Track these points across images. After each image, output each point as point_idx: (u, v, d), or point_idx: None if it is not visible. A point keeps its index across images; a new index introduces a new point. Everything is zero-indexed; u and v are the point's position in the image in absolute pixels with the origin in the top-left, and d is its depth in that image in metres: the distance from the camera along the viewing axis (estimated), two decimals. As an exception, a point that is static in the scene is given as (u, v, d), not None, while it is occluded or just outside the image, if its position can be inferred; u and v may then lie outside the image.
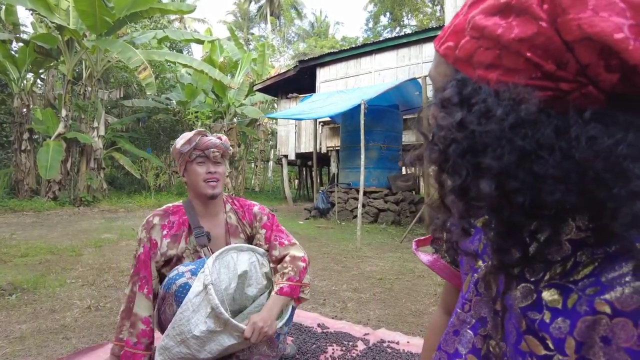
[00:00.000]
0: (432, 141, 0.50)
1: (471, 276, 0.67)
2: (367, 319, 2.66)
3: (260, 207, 1.86)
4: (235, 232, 1.79)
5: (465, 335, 0.68)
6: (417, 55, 10.84)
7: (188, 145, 1.65)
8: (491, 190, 0.43)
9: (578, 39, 0.41)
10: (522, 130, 0.43)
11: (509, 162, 0.42)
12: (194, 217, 1.70)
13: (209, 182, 1.67)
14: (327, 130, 12.17)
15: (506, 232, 0.47)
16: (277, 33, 36.83)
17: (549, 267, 0.50)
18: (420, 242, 0.87)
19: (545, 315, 0.48)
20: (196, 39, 12.52)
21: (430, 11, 29.52)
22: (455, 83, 0.49)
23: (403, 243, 6.13)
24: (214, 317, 1.40)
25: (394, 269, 4.24)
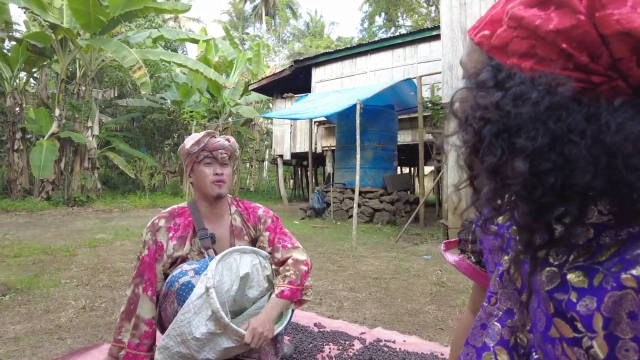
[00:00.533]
0: (466, 122, 0.52)
1: (497, 270, 0.69)
2: (364, 318, 2.66)
3: (264, 210, 1.87)
4: (239, 234, 1.80)
5: (492, 328, 0.69)
6: (412, 55, 10.87)
7: (197, 146, 1.66)
8: (525, 170, 0.45)
9: (615, 32, 0.43)
10: (556, 114, 0.45)
11: (542, 144, 0.45)
12: (198, 219, 1.70)
13: (216, 183, 1.68)
14: (323, 130, 12.17)
15: (536, 213, 0.48)
16: (272, 33, 36.79)
17: (572, 251, 0.51)
18: (449, 245, 0.90)
19: (572, 295, 0.49)
20: (191, 39, 12.49)
21: (425, 12, 29.58)
22: (490, 68, 0.51)
23: (398, 243, 6.14)
24: (214, 320, 1.40)
25: (390, 268, 4.25)
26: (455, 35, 5.66)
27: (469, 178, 0.55)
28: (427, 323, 2.61)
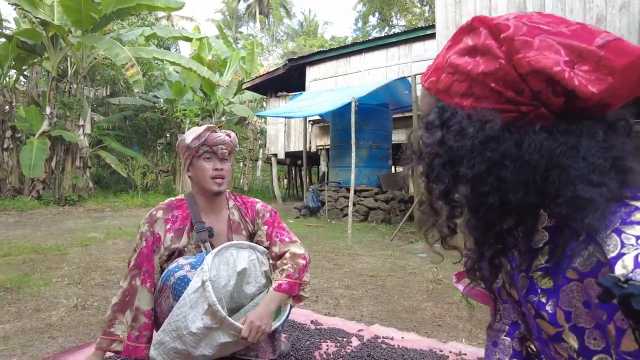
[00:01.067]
0: (420, 157, 0.63)
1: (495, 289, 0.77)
2: (361, 315, 2.64)
3: (263, 205, 1.87)
4: (237, 229, 1.78)
5: (503, 343, 0.75)
6: (407, 54, 10.88)
7: (197, 140, 1.63)
8: (467, 193, 0.55)
9: (529, 71, 0.54)
10: (490, 145, 0.55)
11: (480, 170, 0.54)
12: (196, 212, 1.68)
13: (215, 179, 1.65)
14: (317, 129, 12.13)
15: (483, 228, 0.58)
16: (266, 32, 36.68)
17: (535, 254, 0.59)
18: (460, 275, 0.96)
19: (541, 296, 0.56)
20: (184, 37, 12.40)
21: (419, 11, 29.65)
22: (436, 110, 0.62)
23: (394, 241, 6.12)
24: (210, 314, 1.36)
25: (386, 266, 4.23)
26: (450, 33, 5.63)
27: (429, 201, 0.66)
28: (424, 320, 2.59)
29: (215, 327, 1.36)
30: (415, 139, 0.67)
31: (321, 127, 11.94)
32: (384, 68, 11.05)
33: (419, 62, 10.40)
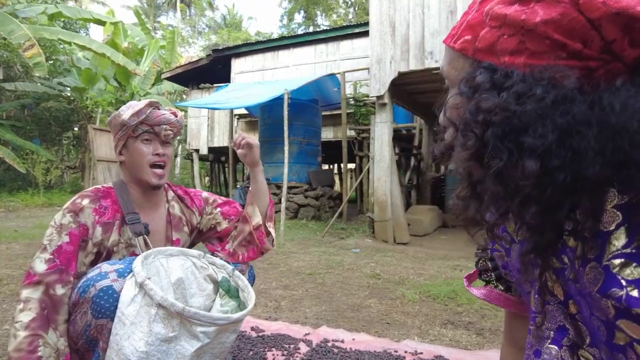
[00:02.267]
0: (466, 128, 0.50)
1: (533, 288, 0.63)
2: (305, 317, 2.44)
3: (209, 193, 1.66)
4: (178, 225, 1.50)
5: (549, 353, 0.61)
6: (335, 52, 10.89)
7: (136, 117, 1.32)
8: (537, 169, 0.44)
9: (604, 15, 0.44)
10: (562, 107, 0.44)
11: (552, 140, 0.44)
12: (127, 202, 1.37)
13: (155, 169, 1.37)
14: (244, 124, 11.72)
15: (547, 212, 0.47)
16: (188, 22, 35.01)
17: (606, 240, 0.48)
18: (471, 277, 0.87)
19: (630, 289, 0.45)
20: (96, 19, 11.29)
21: (343, 12, 30.20)
22: (484, 70, 0.50)
23: (325, 237, 6.02)
24: (162, 318, 1.06)
25: (322, 263, 4.08)
26: (384, 28, 5.66)
27: (469, 185, 0.54)
28: (371, 318, 2.46)
29: (172, 335, 1.06)
30: (454, 109, 0.54)
31: (248, 122, 11.54)
32: (313, 64, 10.97)
33: (347, 60, 10.46)
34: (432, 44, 5.41)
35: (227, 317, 1.15)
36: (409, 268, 3.91)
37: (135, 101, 1.39)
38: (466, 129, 0.51)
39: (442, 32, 5.33)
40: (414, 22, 5.51)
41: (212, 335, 1.12)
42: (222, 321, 1.13)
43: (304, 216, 8.04)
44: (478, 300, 2.78)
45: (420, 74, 5.79)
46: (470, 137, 0.50)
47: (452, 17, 5.25)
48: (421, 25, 5.47)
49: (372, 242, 5.61)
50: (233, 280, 1.50)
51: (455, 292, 2.95)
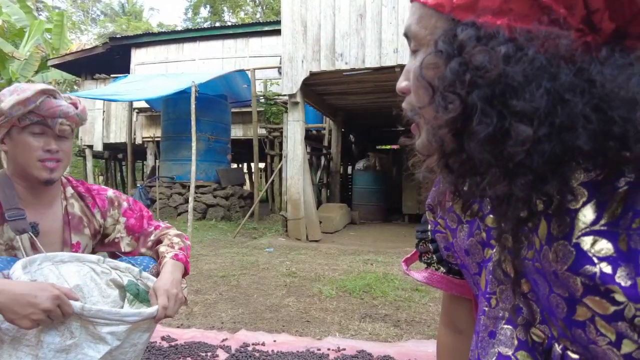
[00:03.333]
0: (448, 89, 0.46)
1: (485, 269, 0.62)
2: (221, 322, 2.30)
3: (115, 192, 1.42)
4: (78, 226, 1.28)
5: (504, 333, 0.59)
6: (243, 48, 10.67)
7: (22, 106, 1.07)
8: (531, 134, 0.42)
9: None
10: (551, 73, 0.43)
11: (542, 106, 0.42)
12: (9, 196, 1.12)
13: (46, 163, 1.14)
14: (144, 119, 10.93)
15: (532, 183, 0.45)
16: (80, 6, 31.72)
17: (573, 218, 0.48)
18: (409, 261, 0.82)
19: (603, 266, 0.45)
20: (-40, -10, 9.63)
21: (251, 10, 29.78)
22: (466, 27, 0.47)
23: (237, 238, 5.84)
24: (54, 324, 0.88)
25: (235, 264, 3.92)
26: (296, 27, 5.64)
27: (442, 156, 0.50)
28: (291, 317, 2.40)
29: (69, 342, 0.88)
30: (429, 69, 0.49)
31: (149, 117, 10.79)
32: (220, 59, 10.61)
33: (256, 57, 10.29)
34: (342, 46, 5.53)
35: (139, 312, 1.00)
36: (323, 264, 3.93)
37: (25, 84, 1.15)
38: (447, 90, 0.47)
39: (352, 34, 5.47)
40: (325, 23, 5.58)
41: (123, 336, 0.97)
42: (133, 317, 0.98)
43: (213, 216, 7.72)
44: (392, 293, 2.88)
45: (331, 75, 5.89)
46: (453, 99, 0.46)
47: (362, 21, 5.42)
48: (332, 26, 5.56)
49: (286, 241, 5.56)
50: (142, 283, 1.34)
51: (369, 286, 3.02)
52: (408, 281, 3.27)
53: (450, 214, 0.66)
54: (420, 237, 0.78)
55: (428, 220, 0.75)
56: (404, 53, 5.28)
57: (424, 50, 0.51)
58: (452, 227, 0.67)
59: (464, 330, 0.78)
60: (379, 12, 5.33)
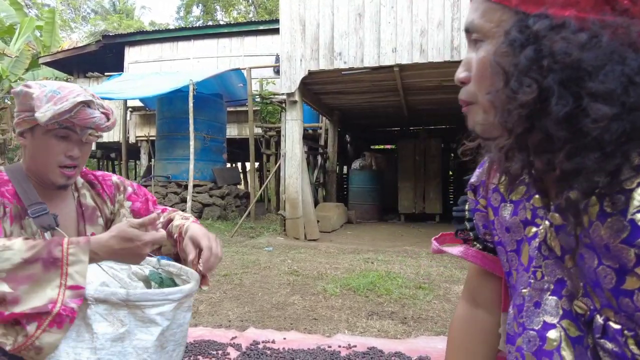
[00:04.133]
0: (524, 74, 0.50)
1: (528, 245, 0.66)
2: (228, 321, 2.30)
3: (119, 177, 1.38)
4: (92, 217, 1.25)
5: (549, 303, 0.64)
6: (238, 47, 10.65)
7: (57, 118, 1.01)
8: (608, 112, 0.46)
9: None
10: (623, 59, 0.46)
11: (613, 87, 0.45)
12: (28, 190, 1.09)
13: (65, 170, 1.10)
14: (137, 118, 10.84)
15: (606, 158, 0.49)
16: (71, 3, 31.36)
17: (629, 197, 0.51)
18: (440, 239, 0.86)
19: None
20: (-51, -14, 9.46)
21: (244, 10, 29.67)
22: (538, 18, 0.51)
23: (234, 237, 5.82)
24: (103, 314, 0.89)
25: (236, 263, 3.91)
26: (295, 26, 5.64)
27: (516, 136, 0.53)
28: (298, 315, 2.40)
29: (122, 330, 0.88)
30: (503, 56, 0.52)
31: (143, 116, 10.70)
32: (215, 58, 10.57)
33: (251, 56, 10.27)
34: (340, 45, 5.54)
35: (180, 290, 1.00)
36: (324, 263, 3.94)
37: (63, 87, 1.07)
38: (524, 75, 0.51)
39: (351, 34, 5.48)
40: (324, 22, 5.59)
41: (170, 315, 0.97)
42: (177, 294, 0.97)
43: (209, 216, 7.68)
44: (396, 291, 2.90)
45: (329, 74, 5.90)
46: (529, 82, 0.50)
47: (361, 20, 5.43)
48: (330, 25, 5.57)
49: (284, 240, 5.56)
50: (163, 271, 1.34)
51: (373, 284, 3.03)
52: (411, 279, 3.29)
53: (494, 194, 0.71)
54: (457, 216, 0.84)
55: (468, 199, 0.80)
56: (402, 53, 5.31)
57: (490, 42, 0.54)
58: (495, 206, 0.71)
59: (482, 305, 0.83)
60: (378, 11, 5.35)
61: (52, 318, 0.83)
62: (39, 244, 0.87)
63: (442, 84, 6.44)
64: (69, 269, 0.87)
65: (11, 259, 0.83)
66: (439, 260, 4.30)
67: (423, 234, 6.67)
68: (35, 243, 0.87)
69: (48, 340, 0.83)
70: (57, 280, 0.86)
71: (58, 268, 0.86)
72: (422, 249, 5.00)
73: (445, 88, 6.73)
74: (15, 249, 0.85)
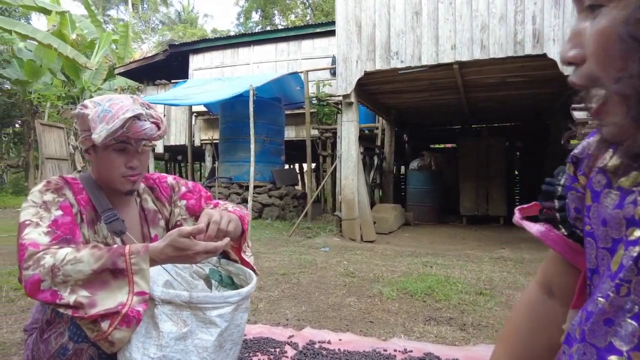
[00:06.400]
0: None
1: (624, 250, 0.52)
2: (286, 319, 2.36)
3: (174, 177, 1.48)
4: (154, 219, 1.36)
5: (625, 327, 0.52)
6: (296, 51, 10.83)
7: (112, 136, 1.12)
8: None
9: None
10: None
11: None
12: (101, 198, 1.21)
13: (128, 177, 1.22)
14: (202, 122, 11.38)
15: None
16: (142, 16, 33.63)
17: None
18: (524, 211, 0.74)
19: None
20: (40, 7, 10.52)
21: (301, 13, 30.13)
22: None
23: (292, 237, 5.94)
24: (169, 314, 0.99)
25: (293, 262, 4.00)
26: (351, 28, 5.66)
27: None
28: (354, 317, 2.42)
29: (185, 330, 0.98)
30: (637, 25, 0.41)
31: (206, 120, 11.22)
32: (274, 62, 10.85)
33: (308, 59, 10.42)
34: (397, 44, 5.47)
35: (238, 293, 1.08)
36: (381, 265, 3.91)
37: (112, 105, 1.15)
38: None
39: (407, 32, 5.39)
40: (380, 22, 5.55)
41: (229, 317, 1.05)
42: (235, 297, 1.06)
43: (268, 216, 7.91)
44: (455, 296, 2.82)
45: (385, 74, 5.85)
46: None
47: (418, 18, 5.33)
48: (387, 25, 5.52)
49: (340, 241, 5.59)
50: (222, 269, 1.41)
51: (431, 288, 2.97)
52: (471, 284, 3.18)
53: (598, 175, 0.58)
54: (547, 189, 0.72)
55: (566, 172, 0.67)
56: (462, 49, 5.15)
57: (617, 5, 0.42)
58: (596, 189, 0.59)
59: (556, 295, 0.73)
60: (435, 8, 5.22)
61: (121, 318, 0.93)
62: (103, 255, 0.98)
63: (506, 80, 6.15)
64: (134, 277, 0.97)
65: (83, 271, 0.96)
66: (502, 265, 4.12)
67: (486, 238, 6.41)
68: (100, 254, 0.98)
69: (118, 336, 0.94)
70: (126, 288, 0.97)
71: (125, 277, 0.98)
72: (485, 253, 4.81)
73: (509, 85, 6.43)
74: (85, 261, 0.96)
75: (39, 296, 0.94)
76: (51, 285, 0.94)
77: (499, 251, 5.03)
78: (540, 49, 4.79)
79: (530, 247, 5.23)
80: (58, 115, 12.52)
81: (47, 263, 0.95)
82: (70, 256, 0.96)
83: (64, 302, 0.94)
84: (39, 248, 0.99)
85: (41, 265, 0.95)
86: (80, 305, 0.93)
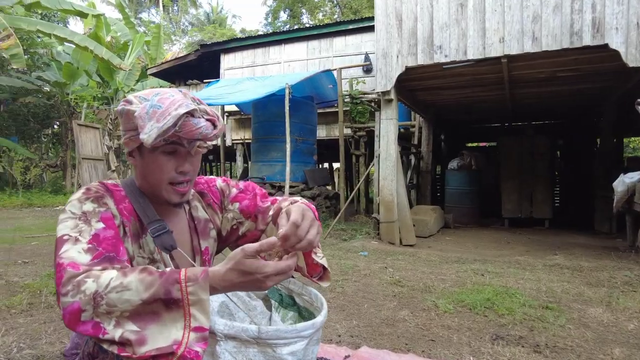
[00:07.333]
0: None
1: None
2: (338, 335, 2.16)
3: (223, 180, 1.28)
4: (204, 230, 1.17)
5: None
6: (328, 48, 10.65)
7: (162, 136, 0.94)
8: None
9: None
10: None
11: None
12: (147, 207, 1.04)
13: (177, 187, 1.03)
14: (233, 122, 11.35)
15: None
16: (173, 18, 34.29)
17: None
18: None
19: None
20: (78, 11, 10.72)
21: (329, 11, 29.95)
22: None
23: (327, 239, 5.75)
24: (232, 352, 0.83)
25: (334, 268, 3.80)
26: (391, 21, 5.41)
27: None
28: (411, 334, 2.20)
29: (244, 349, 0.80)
30: None
31: (238, 120, 11.18)
32: (305, 61, 10.69)
33: (340, 56, 10.24)
34: (440, 38, 5.19)
35: (312, 324, 0.88)
36: (428, 273, 3.67)
37: (163, 100, 0.97)
38: None
39: (452, 25, 5.11)
40: (422, 14, 5.28)
41: (301, 354, 0.86)
42: (309, 329, 0.87)
43: (301, 217, 7.74)
44: (518, 310, 2.56)
45: (427, 69, 5.58)
46: None
47: (463, 10, 5.04)
48: (429, 18, 5.25)
49: (378, 244, 5.36)
50: (283, 287, 1.22)
51: (490, 301, 2.71)
52: (532, 296, 2.90)
53: None
54: None
55: None
56: (511, 42, 4.82)
57: None
58: None
59: None
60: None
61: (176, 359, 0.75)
62: (155, 282, 0.78)
63: (556, 75, 5.76)
64: (191, 309, 0.77)
65: (130, 300, 0.76)
66: (559, 273, 3.80)
67: (533, 242, 6.04)
68: (151, 280, 0.78)
69: None
70: (181, 322, 0.77)
71: (180, 308, 0.77)
72: (537, 259, 4.48)
73: (558, 79, 6.04)
74: (133, 289, 0.77)
75: (79, 328, 0.77)
76: (93, 316, 0.77)
77: (552, 257, 4.68)
78: (601, 39, 4.42)
79: (585, 254, 4.86)
80: (94, 115, 12.78)
81: (89, 289, 0.77)
82: (116, 282, 0.78)
83: (108, 338, 0.76)
84: (79, 269, 0.82)
85: (82, 291, 0.78)
86: (127, 342, 0.75)
